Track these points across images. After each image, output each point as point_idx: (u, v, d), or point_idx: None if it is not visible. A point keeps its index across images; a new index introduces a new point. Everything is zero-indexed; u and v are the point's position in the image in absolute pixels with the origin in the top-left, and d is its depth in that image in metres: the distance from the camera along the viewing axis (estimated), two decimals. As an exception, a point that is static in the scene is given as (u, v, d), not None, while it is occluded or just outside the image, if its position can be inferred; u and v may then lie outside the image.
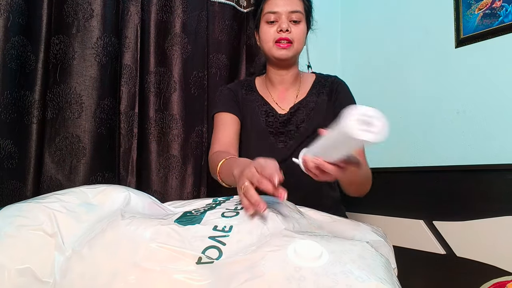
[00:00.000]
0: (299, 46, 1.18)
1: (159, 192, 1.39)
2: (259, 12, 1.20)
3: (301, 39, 1.18)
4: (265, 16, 1.17)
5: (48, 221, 0.66)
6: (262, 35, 1.19)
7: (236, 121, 1.22)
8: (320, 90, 1.26)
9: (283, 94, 1.26)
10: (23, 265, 0.60)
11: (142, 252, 0.59)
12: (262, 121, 1.22)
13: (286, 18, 1.15)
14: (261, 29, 1.19)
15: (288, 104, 1.24)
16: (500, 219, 1.17)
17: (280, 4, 1.16)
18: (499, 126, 1.38)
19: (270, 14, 1.16)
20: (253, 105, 1.25)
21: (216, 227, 0.65)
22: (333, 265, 0.56)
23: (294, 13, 1.15)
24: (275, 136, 1.21)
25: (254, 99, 1.26)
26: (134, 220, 0.64)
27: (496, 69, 1.39)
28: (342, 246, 0.61)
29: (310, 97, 1.24)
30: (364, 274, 0.55)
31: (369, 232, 0.76)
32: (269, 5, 1.17)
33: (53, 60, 1.23)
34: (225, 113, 1.22)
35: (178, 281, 0.55)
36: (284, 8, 1.15)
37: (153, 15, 1.41)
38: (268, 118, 1.22)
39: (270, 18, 1.16)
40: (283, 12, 1.15)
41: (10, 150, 1.12)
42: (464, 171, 1.31)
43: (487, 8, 1.43)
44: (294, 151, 1.18)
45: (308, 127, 1.20)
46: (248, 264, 0.56)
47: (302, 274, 0.54)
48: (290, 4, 1.16)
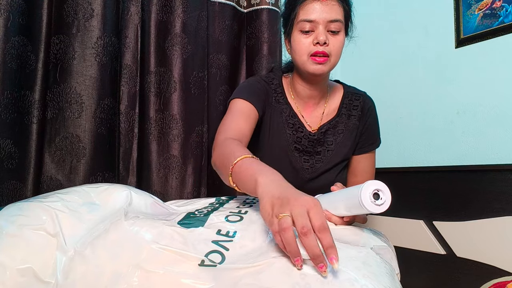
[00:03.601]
0: (336, 60, 1.06)
1: (159, 192, 1.39)
2: (293, 18, 1.05)
3: (338, 52, 1.05)
4: (300, 24, 1.02)
5: (50, 220, 0.65)
6: (295, 46, 1.05)
7: (256, 116, 1.07)
8: (350, 110, 1.16)
9: (310, 109, 1.16)
10: (24, 265, 0.60)
11: (145, 253, 0.58)
12: (288, 135, 1.13)
13: (324, 28, 1.01)
14: (294, 39, 1.05)
15: (315, 121, 1.15)
16: (500, 219, 1.17)
17: (318, 10, 1.01)
18: (499, 126, 1.38)
19: (305, 22, 1.01)
20: (281, 115, 1.14)
21: (220, 231, 0.65)
22: (338, 272, 0.55)
23: (333, 23, 1.01)
24: (301, 154, 1.13)
25: (284, 108, 1.14)
26: (137, 221, 0.64)
27: (496, 69, 1.40)
28: (347, 253, 0.60)
29: (340, 117, 1.15)
30: (369, 282, 0.55)
31: (372, 237, 0.76)
32: (305, 11, 1.02)
33: (53, 60, 1.23)
34: (247, 103, 1.06)
35: (180, 283, 0.55)
36: (322, 16, 1.00)
37: (153, 15, 1.41)
38: (296, 133, 1.13)
39: (306, 27, 1.02)
40: (320, 21, 1.00)
41: (10, 150, 1.12)
42: (464, 171, 1.31)
43: (487, 8, 1.43)
44: (320, 175, 1.13)
45: (337, 151, 1.14)
46: (252, 271, 0.56)
47: (307, 282, 0.53)
48: (330, 12, 1.01)
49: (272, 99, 1.14)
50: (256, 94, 1.10)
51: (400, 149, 1.68)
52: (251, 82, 1.16)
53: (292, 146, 1.13)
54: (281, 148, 1.13)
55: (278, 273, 0.55)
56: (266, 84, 1.16)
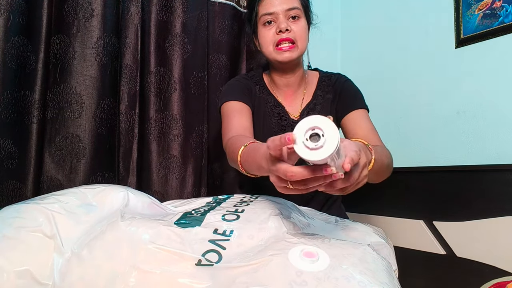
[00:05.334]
0: (303, 45, 1.11)
1: (159, 192, 1.39)
2: (254, 16, 1.13)
3: (303, 36, 1.10)
4: (262, 19, 1.10)
5: (47, 222, 0.65)
6: (261, 39, 1.12)
7: (249, 110, 1.13)
8: (325, 90, 1.21)
9: (290, 97, 1.21)
10: (21, 267, 0.60)
11: (142, 254, 0.59)
12: (274, 123, 1.17)
13: (284, 17, 1.08)
14: (259, 33, 1.13)
15: (296, 107, 1.20)
16: (500, 219, 1.17)
17: (275, 2, 1.08)
18: (499, 126, 1.38)
19: (266, 16, 1.09)
20: (266, 106, 1.19)
21: (217, 230, 0.65)
22: (334, 269, 0.55)
23: (292, 10, 1.08)
24: None
25: (267, 99, 1.19)
26: (134, 221, 0.64)
27: (496, 69, 1.39)
28: (344, 250, 0.60)
29: (317, 99, 1.20)
30: (366, 278, 0.55)
31: (370, 234, 0.75)
32: (264, 6, 1.10)
33: (53, 60, 1.23)
34: (237, 102, 1.12)
35: (177, 283, 0.55)
36: (280, 7, 1.08)
37: (153, 15, 1.41)
38: (281, 121, 1.17)
39: (267, 19, 1.09)
40: (280, 12, 1.08)
41: (10, 150, 1.12)
42: (464, 171, 1.30)
43: (487, 8, 1.43)
44: None
45: None
46: (249, 269, 0.56)
47: (303, 279, 0.54)
48: (286, 2, 1.08)
49: (256, 91, 1.20)
50: (241, 91, 1.15)
51: (400, 149, 1.67)
52: (232, 83, 1.21)
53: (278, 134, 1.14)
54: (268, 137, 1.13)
55: (275, 271, 0.55)
56: (247, 80, 1.21)
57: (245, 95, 1.15)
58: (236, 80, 1.22)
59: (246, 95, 1.16)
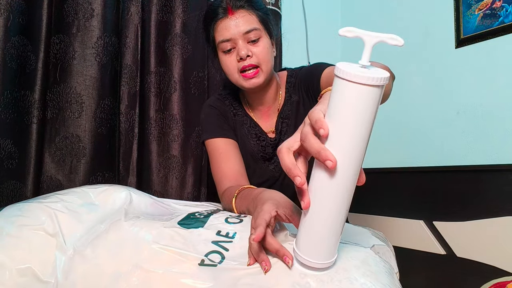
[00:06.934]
0: (268, 66, 1.01)
1: (159, 192, 1.39)
2: (212, 41, 1.04)
3: (266, 58, 1.00)
4: (220, 46, 1.01)
5: (50, 221, 0.66)
6: (223, 67, 1.04)
7: (233, 143, 1.08)
8: (292, 91, 1.11)
9: (266, 113, 1.13)
10: (24, 265, 0.60)
11: (145, 253, 0.59)
12: (253, 145, 1.12)
13: (243, 41, 0.98)
14: (220, 61, 1.04)
15: (272, 122, 1.13)
16: (500, 219, 1.17)
17: (231, 26, 0.98)
18: (499, 126, 1.38)
19: (224, 43, 0.99)
20: (243, 127, 1.13)
21: (220, 232, 0.65)
22: (337, 272, 0.56)
23: (250, 32, 0.98)
24: (267, 161, 1.13)
25: (243, 121, 1.13)
26: (137, 221, 0.64)
27: (496, 69, 1.40)
28: (347, 253, 0.60)
29: (286, 106, 1.11)
30: (369, 281, 0.55)
31: (370, 237, 0.76)
32: (219, 32, 1.00)
33: (53, 59, 1.23)
34: (219, 139, 1.07)
35: (180, 283, 0.55)
36: (236, 30, 0.97)
37: (154, 15, 1.41)
38: (259, 141, 1.12)
39: (227, 47, 0.99)
40: (237, 36, 0.98)
41: (10, 150, 1.12)
42: (464, 171, 1.31)
43: (487, 8, 1.43)
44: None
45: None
46: (252, 271, 0.56)
47: (307, 281, 0.54)
48: (243, 24, 0.98)
49: (231, 115, 1.14)
50: (220, 124, 1.10)
51: (400, 149, 1.68)
52: (207, 112, 1.14)
53: (258, 155, 1.12)
54: (251, 158, 1.12)
55: (278, 273, 0.55)
56: (221, 104, 1.15)
57: (225, 126, 1.10)
58: (212, 108, 1.14)
59: (225, 124, 1.11)
